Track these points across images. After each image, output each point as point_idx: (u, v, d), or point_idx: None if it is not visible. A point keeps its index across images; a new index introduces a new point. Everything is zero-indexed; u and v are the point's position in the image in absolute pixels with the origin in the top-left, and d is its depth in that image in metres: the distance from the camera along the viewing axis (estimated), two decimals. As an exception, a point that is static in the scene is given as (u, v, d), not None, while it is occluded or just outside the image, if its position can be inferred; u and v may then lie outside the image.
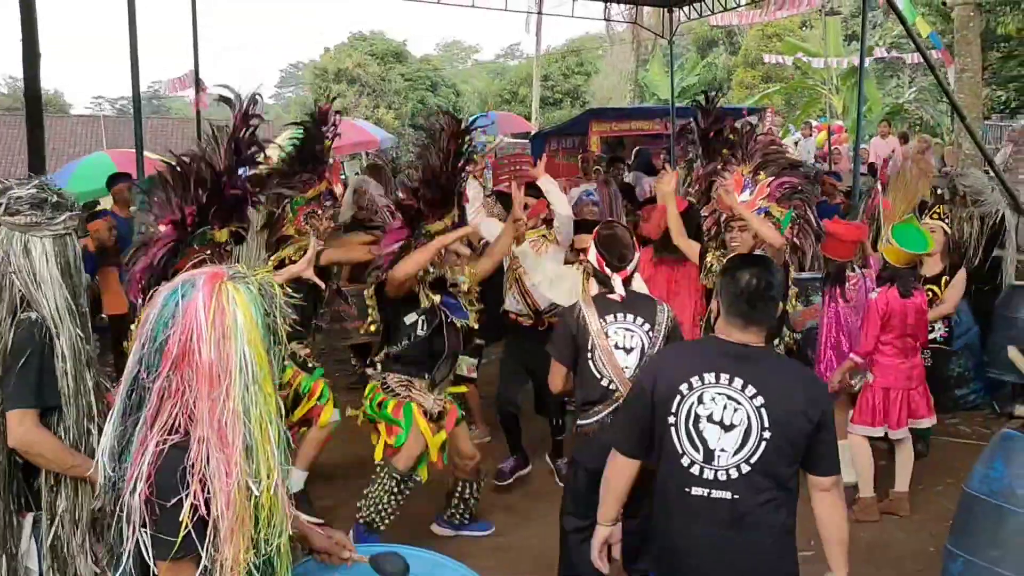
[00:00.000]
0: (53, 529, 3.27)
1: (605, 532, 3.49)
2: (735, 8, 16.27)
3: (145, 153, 10.48)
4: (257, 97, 5.07)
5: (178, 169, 4.65)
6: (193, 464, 2.14)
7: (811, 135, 19.75)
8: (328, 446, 5.98)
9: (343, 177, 8.13)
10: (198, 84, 13.98)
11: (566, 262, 6.36)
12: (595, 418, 4.32)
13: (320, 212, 6.04)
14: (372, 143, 19.53)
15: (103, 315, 8.68)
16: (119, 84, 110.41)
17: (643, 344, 4.32)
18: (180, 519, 2.13)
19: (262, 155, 5.23)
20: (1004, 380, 7.87)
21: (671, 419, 3.16)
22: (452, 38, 71.42)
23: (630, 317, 4.36)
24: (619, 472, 3.38)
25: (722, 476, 3.09)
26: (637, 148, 16.78)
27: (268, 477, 2.20)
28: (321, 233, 5.97)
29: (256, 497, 2.18)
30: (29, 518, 3.29)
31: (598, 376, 4.31)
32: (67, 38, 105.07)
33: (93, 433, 3.29)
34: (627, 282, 4.45)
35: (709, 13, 16.52)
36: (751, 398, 3.08)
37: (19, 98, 15.64)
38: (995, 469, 4.35)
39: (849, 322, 6.57)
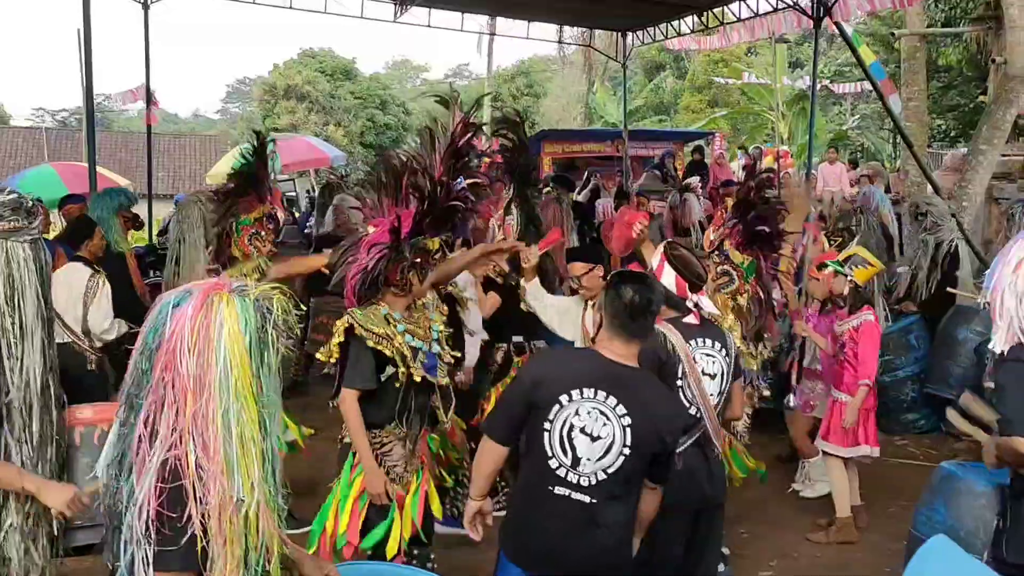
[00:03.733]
0: None
1: (476, 505, 3.65)
2: (688, 34, 16.47)
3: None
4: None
5: (393, 171, 4.40)
6: (185, 475, 2.14)
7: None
8: (312, 461, 5.87)
9: (284, 200, 8.07)
10: (150, 99, 13.83)
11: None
12: (680, 449, 4.02)
13: (263, 234, 6.08)
14: (324, 160, 19.42)
15: None
16: (61, 96, 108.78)
17: (723, 370, 4.26)
18: (184, 533, 2.12)
19: (478, 164, 4.98)
20: (940, 396, 7.98)
21: (547, 424, 3.38)
22: (402, 56, 71.24)
23: (708, 342, 4.27)
24: (490, 457, 3.53)
25: (584, 482, 3.37)
26: (589, 169, 16.87)
27: (251, 495, 2.17)
28: (264, 254, 6.04)
29: (243, 515, 2.16)
30: None
31: (687, 404, 4.12)
32: (9, 47, 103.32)
33: (55, 440, 3.25)
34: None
35: (663, 38, 16.73)
36: (620, 416, 3.34)
37: (-39, 109, 15.42)
38: (937, 512, 4.41)
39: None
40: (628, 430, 3.33)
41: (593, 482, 3.36)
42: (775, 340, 6.93)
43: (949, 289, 8.28)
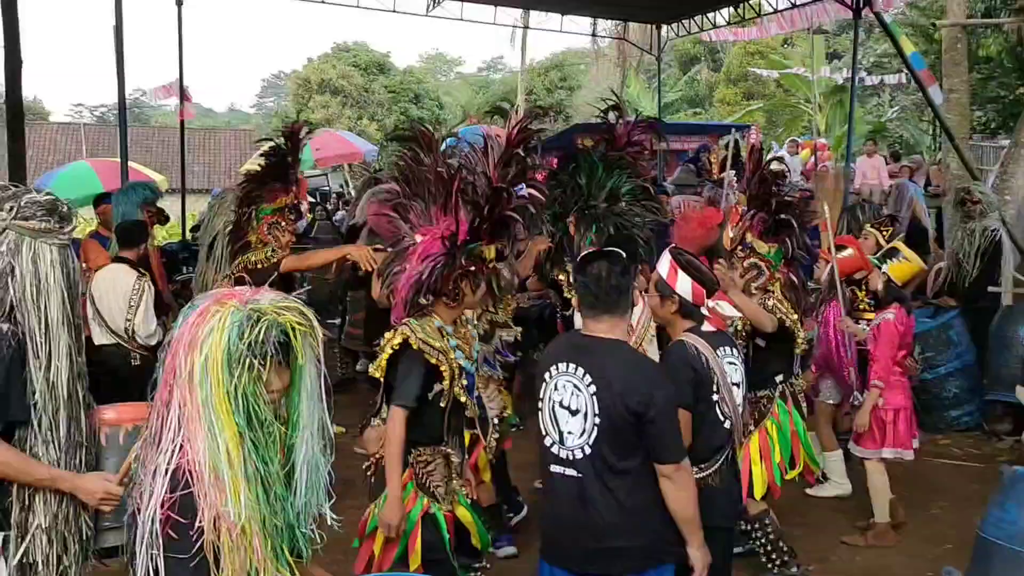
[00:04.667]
0: (24, 546, 3.15)
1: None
2: (724, 25, 16.29)
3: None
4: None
5: (443, 177, 4.17)
6: (191, 483, 2.13)
7: (796, 152, 19.79)
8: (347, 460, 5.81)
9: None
10: (183, 94, 13.88)
11: None
12: (716, 466, 3.98)
13: (283, 224, 6.11)
14: (357, 155, 19.43)
15: None
16: (99, 91, 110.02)
17: (743, 378, 4.11)
18: (195, 542, 2.11)
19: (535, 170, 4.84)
20: (1008, 402, 7.75)
21: (539, 404, 3.53)
22: (435, 50, 71.26)
23: (730, 350, 4.08)
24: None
25: (570, 456, 3.42)
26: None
27: (239, 511, 2.14)
28: (283, 244, 6.06)
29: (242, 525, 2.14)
30: None
31: (722, 419, 3.97)
32: (48, 43, 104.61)
33: (84, 445, 3.23)
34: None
35: (698, 30, 16.57)
36: (587, 386, 3.39)
37: (0, 105, 15.54)
38: (1008, 513, 4.25)
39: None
40: (595, 398, 3.37)
41: (579, 456, 3.39)
42: (808, 333, 6.84)
43: (991, 288, 8.12)
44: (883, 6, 12.36)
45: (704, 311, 4.14)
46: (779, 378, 5.38)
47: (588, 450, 3.38)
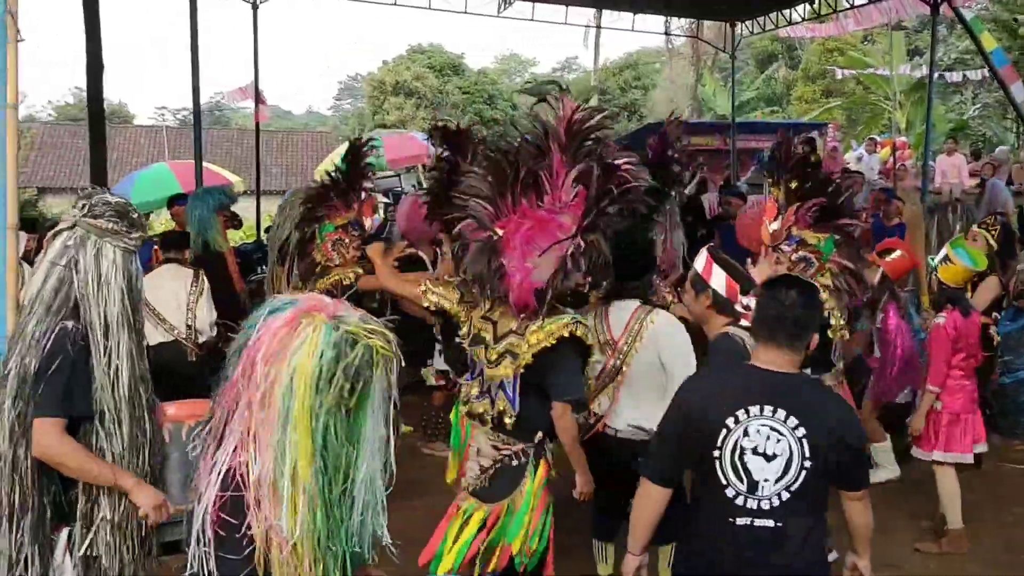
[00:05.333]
0: (88, 539, 3.23)
1: (637, 561, 3.44)
2: (800, 22, 16.02)
3: (205, 164, 10.60)
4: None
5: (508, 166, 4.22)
6: (245, 488, 2.12)
7: (875, 151, 19.40)
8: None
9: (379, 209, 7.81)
10: (258, 96, 14.12)
11: None
12: None
13: (347, 240, 6.17)
14: (430, 156, 19.54)
15: None
16: (182, 95, 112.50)
17: None
18: (246, 543, 2.10)
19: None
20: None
21: (716, 452, 3.16)
22: (509, 51, 71.51)
23: None
24: (653, 502, 3.32)
25: (765, 505, 3.13)
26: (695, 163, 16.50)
27: (293, 530, 2.11)
28: (348, 260, 6.15)
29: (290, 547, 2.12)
30: (64, 532, 3.25)
31: None
32: (131, 49, 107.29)
33: (147, 447, 3.29)
34: None
35: (773, 27, 16.33)
36: (793, 429, 3.11)
37: (84, 108, 15.99)
38: None
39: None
40: (804, 442, 3.10)
41: (776, 504, 3.12)
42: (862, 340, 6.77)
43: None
44: (962, 1, 12.04)
45: (739, 307, 4.12)
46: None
47: (787, 496, 3.12)
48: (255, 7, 13.75)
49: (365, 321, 2.20)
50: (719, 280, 4.16)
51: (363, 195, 6.39)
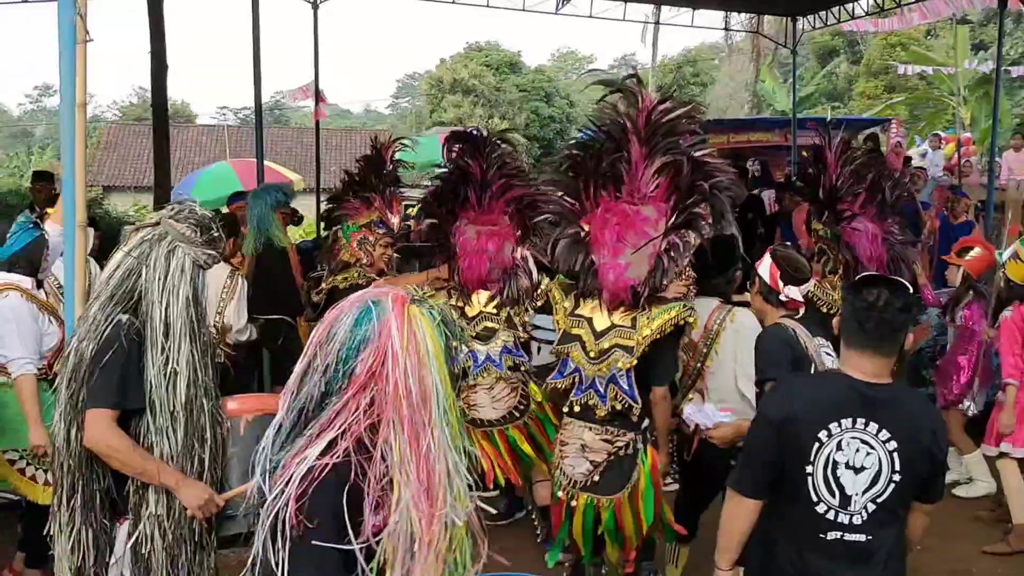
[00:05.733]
0: (137, 534, 3.25)
1: None
2: (863, 16, 15.75)
3: (265, 163, 10.71)
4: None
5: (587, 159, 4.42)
6: (365, 488, 2.08)
7: (939, 147, 19.01)
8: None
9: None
10: (318, 95, 14.22)
11: None
12: None
13: (372, 239, 6.20)
14: (487, 153, 19.57)
15: None
16: (243, 94, 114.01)
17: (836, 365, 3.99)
18: (332, 540, 2.06)
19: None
20: None
21: (808, 468, 3.04)
22: (567, 48, 71.13)
23: (822, 339, 4.04)
24: (742, 515, 3.21)
25: (856, 520, 3.05)
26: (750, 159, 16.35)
27: (462, 505, 2.13)
28: (376, 259, 6.18)
29: (451, 528, 2.12)
30: (125, 525, 3.29)
31: None
32: (194, 49, 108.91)
33: (198, 454, 3.29)
34: None
35: (835, 21, 16.07)
36: (884, 442, 3.01)
37: (148, 108, 16.23)
38: None
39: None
40: (895, 455, 3.00)
41: (864, 517, 3.04)
42: (926, 334, 6.72)
43: None
44: (1031, -7, 11.76)
45: (781, 297, 4.11)
46: None
47: (873, 508, 3.03)
48: (315, 6, 13.85)
49: (427, 298, 2.23)
50: (765, 269, 4.15)
51: (387, 193, 6.35)
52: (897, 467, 2.99)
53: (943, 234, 10.71)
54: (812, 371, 3.86)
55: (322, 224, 6.51)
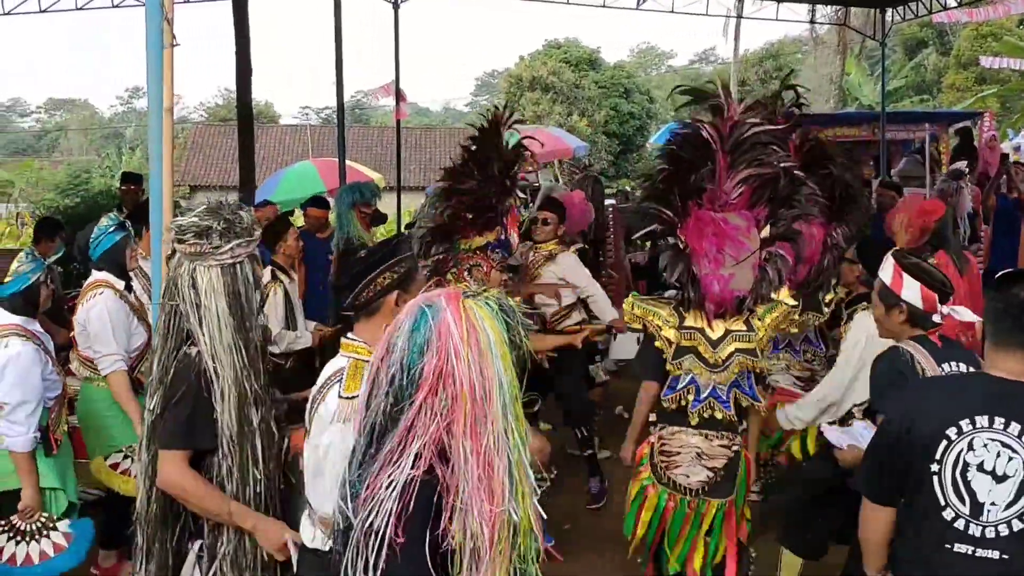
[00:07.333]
0: (211, 570, 3.18)
1: None
2: (955, 7, 15.27)
3: (347, 162, 10.79)
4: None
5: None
6: (445, 496, 2.07)
7: (1034, 140, 18.40)
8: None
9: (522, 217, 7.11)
10: (398, 94, 14.29)
11: None
12: None
13: (484, 265, 5.35)
14: (566, 151, 19.47)
15: None
16: (325, 94, 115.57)
17: None
18: (425, 553, 2.07)
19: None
20: None
21: (934, 466, 2.81)
22: (646, 44, 70.64)
23: (962, 366, 3.67)
24: (877, 523, 3.02)
25: (990, 533, 2.77)
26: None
27: (525, 500, 2.10)
28: (494, 284, 5.25)
29: (515, 522, 2.08)
30: (196, 545, 3.23)
31: None
32: (277, 50, 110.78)
33: (259, 479, 3.16)
34: None
35: (925, 12, 15.62)
36: None
37: (232, 109, 16.48)
38: None
39: None
40: None
41: (1005, 533, 2.76)
42: None
43: None
44: None
45: (936, 319, 3.75)
46: None
47: (1019, 524, 2.76)
48: (396, 6, 13.92)
49: (483, 293, 2.20)
50: (912, 292, 3.76)
51: (508, 204, 5.58)
52: None
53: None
54: None
55: (433, 240, 5.53)
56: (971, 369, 3.65)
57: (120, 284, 5.08)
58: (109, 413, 5.02)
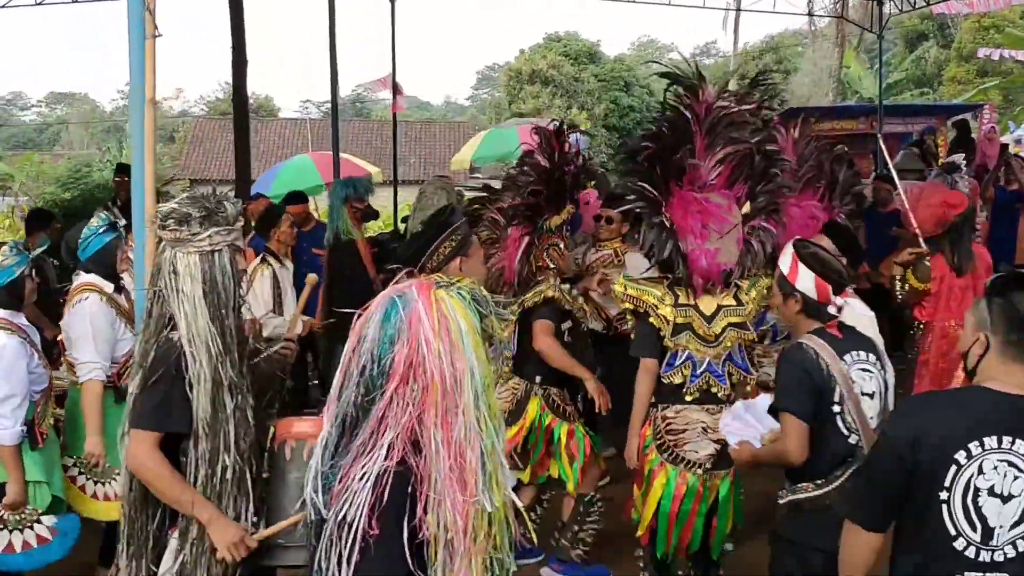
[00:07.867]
0: (180, 557, 3.14)
1: None
2: (953, -2, 15.23)
3: (344, 155, 10.76)
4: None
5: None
6: (419, 486, 2.05)
7: (1035, 133, 18.37)
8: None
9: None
10: (395, 88, 14.27)
11: None
12: (835, 484, 3.54)
13: (563, 245, 5.25)
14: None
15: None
16: (325, 89, 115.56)
17: (881, 386, 3.67)
18: (401, 545, 2.04)
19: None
20: None
21: (943, 494, 2.64)
22: (647, 37, 70.51)
23: (863, 354, 3.64)
24: (863, 550, 2.82)
25: (998, 557, 2.65)
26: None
27: (500, 490, 2.10)
28: (563, 271, 5.29)
29: (489, 513, 2.07)
30: (175, 534, 3.19)
31: (846, 433, 3.54)
32: (277, 44, 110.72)
33: (228, 466, 3.11)
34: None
35: (924, 4, 15.56)
36: None
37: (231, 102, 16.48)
38: None
39: None
40: None
41: (1012, 555, 2.64)
42: None
43: None
44: None
45: (831, 310, 3.67)
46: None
47: (1023, 545, 2.65)
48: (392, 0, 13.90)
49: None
50: (807, 282, 3.68)
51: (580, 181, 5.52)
52: None
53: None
54: (835, 398, 3.52)
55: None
56: (871, 357, 3.65)
57: (109, 287, 4.96)
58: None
